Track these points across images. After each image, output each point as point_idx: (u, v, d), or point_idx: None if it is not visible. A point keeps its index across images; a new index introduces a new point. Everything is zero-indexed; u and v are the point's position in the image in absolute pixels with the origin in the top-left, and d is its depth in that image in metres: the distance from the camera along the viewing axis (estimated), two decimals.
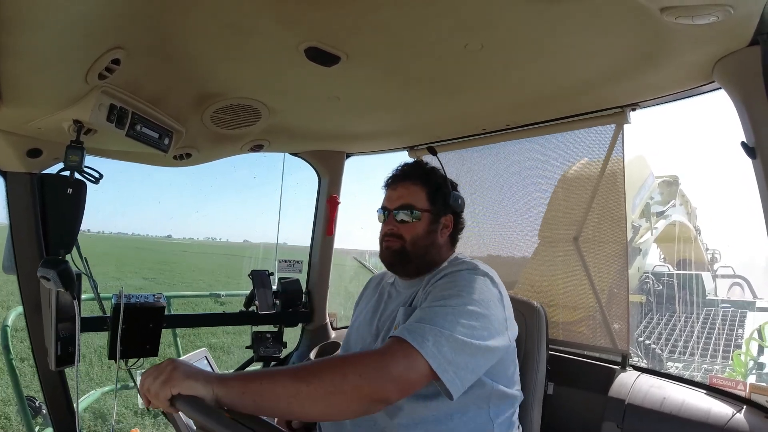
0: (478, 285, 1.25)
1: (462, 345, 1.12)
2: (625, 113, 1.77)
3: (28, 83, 1.19)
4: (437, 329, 1.11)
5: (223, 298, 5.51)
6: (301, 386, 0.98)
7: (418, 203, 1.44)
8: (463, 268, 1.32)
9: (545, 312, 1.68)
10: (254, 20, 1.19)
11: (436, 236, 1.45)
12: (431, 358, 1.07)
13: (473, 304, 1.19)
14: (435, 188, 1.47)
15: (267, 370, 1.05)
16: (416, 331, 1.11)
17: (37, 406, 3.25)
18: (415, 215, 1.42)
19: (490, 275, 1.31)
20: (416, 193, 1.45)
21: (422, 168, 1.52)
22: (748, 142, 1.31)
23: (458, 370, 1.11)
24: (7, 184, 1.67)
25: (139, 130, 1.50)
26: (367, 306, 1.57)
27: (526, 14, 1.16)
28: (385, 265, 1.49)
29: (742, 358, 6.37)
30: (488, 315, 1.20)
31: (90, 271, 1.74)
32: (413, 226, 1.43)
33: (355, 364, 1.04)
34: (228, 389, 0.96)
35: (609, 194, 1.89)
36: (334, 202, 2.58)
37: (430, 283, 1.32)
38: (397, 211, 1.44)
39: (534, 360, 1.59)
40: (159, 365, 1.00)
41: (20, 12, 0.88)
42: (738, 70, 1.30)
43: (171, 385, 0.94)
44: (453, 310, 1.17)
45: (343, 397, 1.01)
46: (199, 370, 0.99)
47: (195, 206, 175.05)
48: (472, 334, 1.15)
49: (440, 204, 1.46)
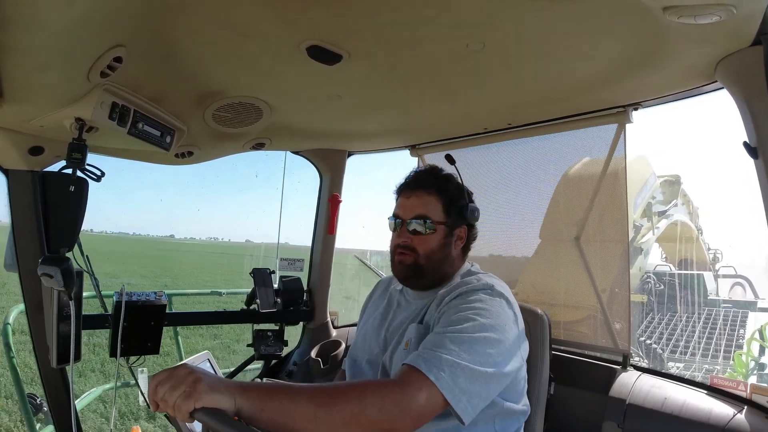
0: (494, 308, 1.22)
1: (477, 375, 1.10)
2: (627, 113, 1.77)
3: (30, 81, 1.18)
4: (453, 360, 1.09)
5: (224, 296, 5.50)
6: (319, 412, 0.97)
7: (434, 215, 1.37)
8: (479, 287, 1.27)
9: (549, 319, 1.67)
10: (256, 19, 1.19)
11: (451, 249, 1.40)
12: (446, 390, 1.06)
13: (489, 330, 1.16)
14: (451, 199, 1.40)
15: (287, 387, 1.02)
16: (431, 360, 1.08)
17: (38, 404, 3.27)
18: (429, 227, 1.36)
19: (506, 296, 1.28)
20: (431, 204, 1.38)
21: (438, 176, 1.44)
22: (750, 142, 1.31)
23: (471, 399, 1.09)
24: (9, 181, 1.67)
25: (140, 128, 1.50)
26: (375, 313, 1.54)
27: (528, 14, 1.15)
28: (397, 278, 1.44)
29: (743, 359, 6.36)
30: (504, 340, 1.18)
31: (91, 268, 1.75)
32: (427, 239, 1.37)
33: (373, 397, 1.02)
34: (249, 403, 0.94)
35: (611, 193, 1.89)
36: (336, 200, 2.58)
37: (444, 302, 1.28)
38: (410, 222, 1.37)
39: (537, 367, 1.58)
40: (174, 372, 0.95)
41: (22, 10, 0.88)
42: (740, 70, 1.30)
43: (195, 398, 0.90)
44: (469, 337, 1.14)
45: (359, 428, 1.00)
46: (220, 381, 0.95)
47: (197, 205, 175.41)
48: (488, 362, 1.13)
49: (456, 216, 1.40)
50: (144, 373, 2.03)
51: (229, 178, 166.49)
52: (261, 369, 2.53)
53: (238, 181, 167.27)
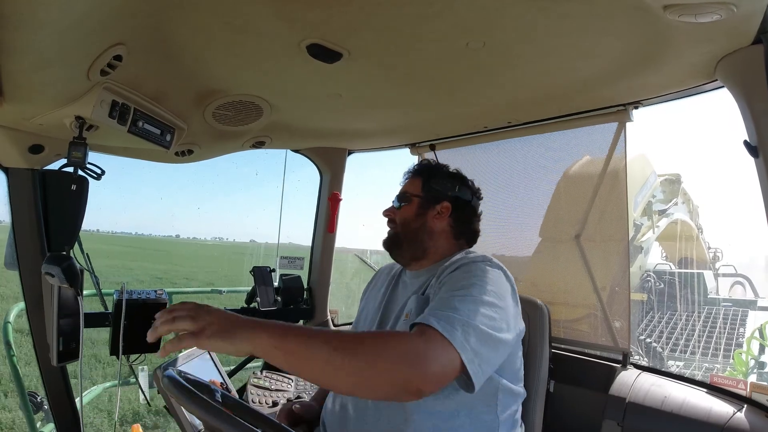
0: (494, 276, 1.25)
1: (486, 336, 1.11)
2: (628, 111, 1.77)
3: (30, 79, 1.18)
4: (464, 319, 1.09)
5: (224, 294, 5.50)
6: (336, 356, 0.95)
7: (412, 190, 1.55)
8: (478, 259, 1.32)
9: (548, 310, 1.68)
10: (256, 17, 1.19)
11: (426, 219, 1.50)
12: (461, 348, 1.04)
13: (491, 295, 1.18)
14: (429, 177, 1.55)
15: (304, 328, 0.99)
16: (444, 319, 1.08)
17: (38, 402, 3.26)
18: (406, 200, 1.53)
19: (504, 269, 1.32)
20: (413, 184, 1.56)
21: (426, 164, 1.62)
22: (750, 141, 1.31)
23: (482, 363, 1.09)
24: (9, 180, 1.67)
25: (140, 127, 1.50)
26: (375, 295, 1.60)
27: (529, 12, 1.15)
28: (386, 249, 1.56)
29: (743, 357, 6.36)
30: (504, 307, 1.20)
31: (92, 266, 1.75)
32: (403, 210, 1.53)
33: (392, 344, 1.01)
34: (261, 340, 0.92)
35: (611, 192, 1.89)
36: (336, 199, 2.58)
37: (445, 274, 1.31)
38: (395, 201, 1.57)
39: (537, 358, 1.60)
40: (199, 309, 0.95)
41: (22, 8, 0.88)
42: (741, 69, 1.30)
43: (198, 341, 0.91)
44: (474, 299, 1.15)
45: (377, 378, 0.98)
46: (230, 325, 0.94)
47: (199, 204, 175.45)
48: (493, 326, 1.13)
49: (432, 190, 1.53)
50: (144, 371, 2.03)
51: (232, 176, 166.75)
52: (261, 367, 2.53)
53: (241, 180, 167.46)
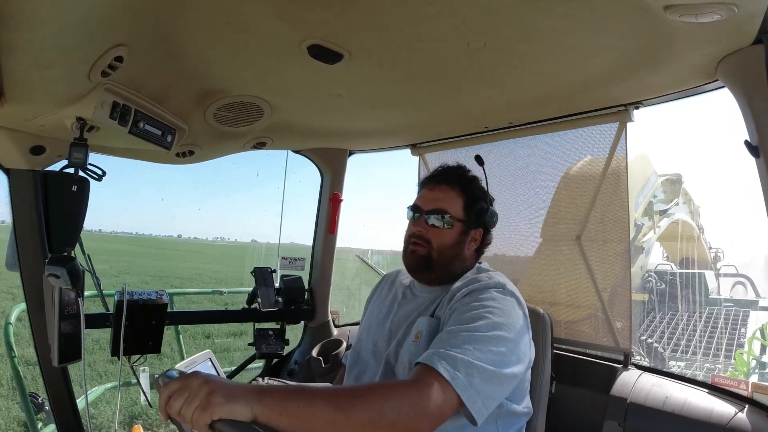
0: (506, 307, 1.22)
1: (492, 375, 1.10)
2: (629, 111, 1.76)
3: (31, 81, 1.19)
4: (468, 360, 1.08)
5: (225, 295, 5.52)
6: (338, 416, 0.95)
7: (453, 211, 1.40)
8: (492, 285, 1.28)
9: (551, 319, 1.67)
10: (257, 18, 1.19)
11: (464, 248, 1.42)
12: (462, 391, 1.05)
13: (501, 329, 1.16)
14: (473, 199, 1.43)
15: (304, 390, 1.00)
16: (447, 360, 1.07)
17: (39, 403, 3.27)
18: (447, 222, 1.38)
19: (517, 295, 1.29)
20: (453, 200, 1.41)
21: (464, 174, 1.47)
22: (751, 141, 1.31)
23: (486, 400, 1.09)
24: (11, 181, 1.67)
25: (141, 128, 1.50)
26: (380, 306, 1.55)
27: (529, 12, 1.15)
28: (407, 268, 1.45)
29: (744, 358, 6.35)
30: (515, 339, 1.18)
31: (93, 268, 1.75)
32: (443, 234, 1.39)
33: (392, 399, 1.01)
34: (266, 408, 0.91)
35: (612, 192, 1.89)
36: (337, 199, 2.58)
37: (456, 298, 1.28)
38: (429, 215, 1.40)
39: (539, 367, 1.58)
40: (187, 383, 0.90)
41: (23, 9, 0.88)
42: (741, 69, 1.30)
43: (211, 411, 0.87)
44: (482, 336, 1.14)
45: (380, 430, 0.99)
46: (236, 389, 0.92)
47: (200, 204, 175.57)
48: (500, 362, 1.13)
49: (474, 216, 1.42)
50: (146, 372, 2.03)
51: (233, 177, 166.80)
52: (262, 368, 2.53)
53: (242, 180, 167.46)
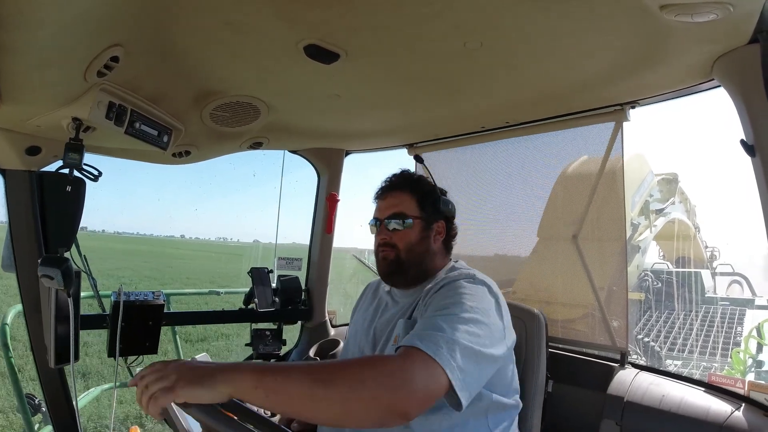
0: (477, 293, 1.24)
1: (471, 352, 1.09)
2: (625, 111, 1.77)
3: (27, 81, 1.18)
4: (448, 336, 1.07)
5: (222, 295, 5.49)
6: (316, 388, 0.92)
7: (409, 210, 1.45)
8: (461, 277, 1.31)
9: (545, 318, 1.67)
10: (254, 18, 1.19)
11: (430, 242, 1.47)
12: (446, 365, 1.02)
13: (473, 312, 1.17)
14: (423, 195, 1.48)
15: (282, 364, 0.96)
16: (428, 338, 1.06)
17: (36, 404, 3.25)
18: (407, 223, 1.44)
19: (488, 283, 1.30)
20: (406, 201, 1.46)
21: (410, 177, 1.54)
22: (747, 140, 1.31)
23: (467, 378, 1.06)
24: (6, 181, 1.66)
25: (138, 128, 1.50)
26: (365, 314, 1.57)
27: (525, 12, 1.15)
28: (382, 276, 1.49)
29: (741, 356, 6.36)
30: (488, 323, 1.19)
31: (89, 268, 1.74)
32: (405, 234, 1.44)
33: (373, 370, 0.98)
34: (240, 382, 0.89)
35: (608, 192, 1.89)
36: (334, 199, 2.58)
37: (429, 295, 1.30)
38: (388, 221, 1.45)
39: (534, 366, 1.58)
40: (160, 366, 0.91)
41: (19, 9, 0.88)
42: (737, 68, 1.30)
43: (173, 395, 0.86)
44: (457, 317, 1.14)
45: (360, 405, 0.95)
46: (204, 372, 0.90)
47: (201, 205, 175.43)
48: (478, 342, 1.12)
49: (430, 210, 1.47)
50: None
51: (233, 177, 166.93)
52: None
53: (241, 180, 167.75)
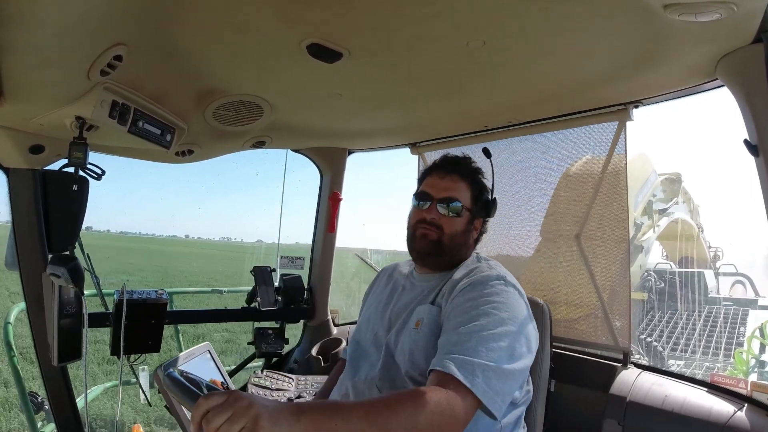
0: (510, 300, 1.25)
1: (507, 374, 1.14)
2: (628, 110, 1.76)
3: (31, 80, 1.19)
4: (483, 363, 1.11)
5: (225, 294, 5.51)
6: (373, 430, 0.97)
7: (464, 200, 1.44)
8: (492, 276, 1.30)
9: (549, 309, 1.68)
10: (256, 17, 1.19)
11: (470, 236, 1.47)
12: (482, 395, 1.09)
13: (507, 324, 1.19)
14: (480, 189, 1.49)
15: (340, 406, 1.03)
16: (465, 367, 1.10)
17: (39, 402, 3.26)
18: (459, 210, 1.42)
19: (518, 287, 1.32)
20: (463, 190, 1.45)
21: (472, 166, 1.52)
22: (750, 140, 1.31)
23: (504, 398, 1.14)
24: (10, 180, 1.67)
25: (141, 127, 1.50)
26: (379, 297, 1.57)
27: (529, 11, 1.15)
28: (415, 252, 1.46)
29: (743, 356, 6.35)
30: (521, 331, 1.21)
31: (92, 267, 1.75)
32: (454, 221, 1.42)
33: (423, 409, 1.03)
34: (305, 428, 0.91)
35: (611, 191, 1.89)
36: (336, 198, 2.58)
37: (458, 289, 1.30)
38: (442, 201, 1.42)
39: (538, 357, 1.58)
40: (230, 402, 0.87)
41: (22, 9, 0.88)
42: (741, 68, 1.30)
43: None
44: (491, 334, 1.16)
45: None
46: (278, 412, 0.90)
47: (202, 205, 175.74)
48: (512, 357, 1.16)
49: (480, 207, 1.48)
50: (145, 371, 2.03)
51: (239, 177, 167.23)
52: (262, 367, 2.53)
53: (249, 180, 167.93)
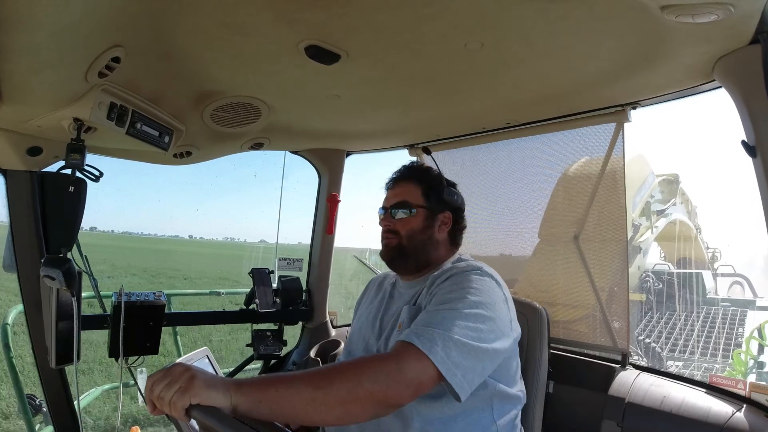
0: (484, 287, 1.26)
1: (469, 349, 1.14)
2: (626, 112, 1.77)
3: (28, 82, 1.18)
4: (445, 333, 1.13)
5: (223, 296, 5.51)
6: (316, 393, 0.99)
7: (413, 199, 1.49)
8: (469, 269, 1.32)
9: (547, 313, 1.68)
10: (254, 19, 1.19)
11: (433, 231, 1.49)
12: (440, 363, 1.09)
13: (479, 307, 1.20)
14: (429, 185, 1.52)
15: (281, 375, 1.03)
16: (424, 335, 1.12)
17: (37, 404, 3.26)
18: (411, 212, 1.47)
19: (495, 277, 1.33)
20: (411, 191, 1.50)
21: (417, 168, 1.58)
22: (748, 141, 1.31)
23: (466, 373, 1.13)
24: (8, 182, 1.67)
25: (139, 129, 1.50)
26: (369, 307, 1.59)
27: (526, 13, 1.15)
28: (385, 262, 1.52)
29: (742, 357, 6.36)
30: (494, 317, 1.22)
31: (90, 269, 1.74)
32: (408, 221, 1.47)
33: (369, 370, 1.05)
34: (245, 397, 0.95)
35: (609, 193, 1.89)
36: (335, 200, 2.58)
37: (435, 284, 1.33)
38: (394, 210, 1.48)
39: (536, 362, 1.59)
40: (170, 370, 0.95)
41: (20, 11, 0.88)
42: (738, 69, 1.30)
43: (190, 394, 0.91)
44: (459, 313, 1.18)
45: (359, 403, 1.02)
46: (217, 378, 0.97)
47: (203, 205, 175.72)
48: (479, 337, 1.16)
49: (435, 200, 1.50)
50: (143, 373, 2.03)
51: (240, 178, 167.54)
52: (260, 369, 2.53)
53: (249, 181, 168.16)
